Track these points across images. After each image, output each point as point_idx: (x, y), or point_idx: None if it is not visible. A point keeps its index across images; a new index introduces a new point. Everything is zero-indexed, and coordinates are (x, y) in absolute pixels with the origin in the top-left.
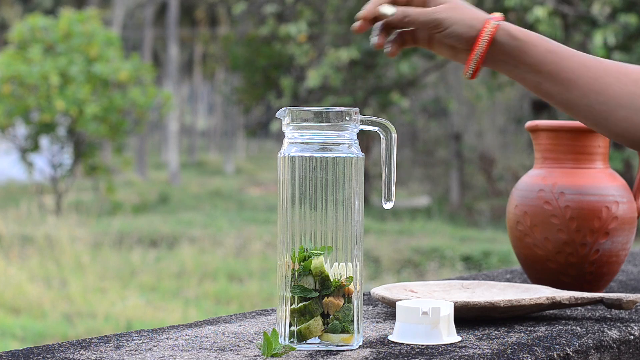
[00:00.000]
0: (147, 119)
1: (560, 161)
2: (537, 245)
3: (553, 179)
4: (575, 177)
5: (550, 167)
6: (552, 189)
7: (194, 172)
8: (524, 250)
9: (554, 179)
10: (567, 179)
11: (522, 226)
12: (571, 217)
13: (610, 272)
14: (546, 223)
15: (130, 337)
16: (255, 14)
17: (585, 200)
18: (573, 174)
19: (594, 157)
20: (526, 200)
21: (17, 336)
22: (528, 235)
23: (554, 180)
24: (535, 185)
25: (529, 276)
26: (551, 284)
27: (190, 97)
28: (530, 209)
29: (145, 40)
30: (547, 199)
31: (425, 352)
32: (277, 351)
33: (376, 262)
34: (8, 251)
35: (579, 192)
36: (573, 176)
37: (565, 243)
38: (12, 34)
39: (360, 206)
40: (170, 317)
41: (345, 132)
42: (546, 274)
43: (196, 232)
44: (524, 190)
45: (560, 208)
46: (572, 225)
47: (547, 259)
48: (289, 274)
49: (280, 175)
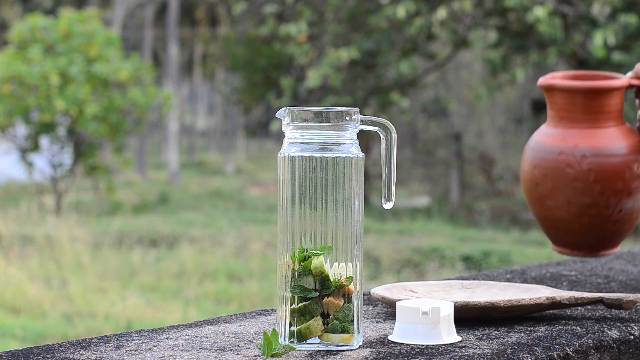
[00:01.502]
0: (147, 119)
1: (576, 121)
2: (559, 208)
3: (573, 141)
4: (594, 138)
5: (566, 127)
6: (574, 151)
7: (194, 172)
8: (544, 212)
9: (573, 141)
10: (586, 141)
11: (543, 188)
12: (595, 180)
13: (631, 227)
14: (569, 187)
15: (130, 337)
16: (255, 14)
17: (608, 162)
18: (591, 134)
19: (609, 116)
20: (546, 162)
21: (17, 336)
22: (549, 197)
23: (574, 142)
24: (554, 148)
25: (549, 236)
26: (573, 245)
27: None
28: (551, 172)
29: (145, 40)
30: (568, 162)
31: (425, 352)
32: (277, 351)
33: (376, 262)
34: (8, 251)
35: (600, 154)
36: (592, 137)
37: (589, 206)
38: (12, 34)
39: (360, 206)
40: (170, 317)
41: (345, 132)
42: (568, 235)
43: (196, 232)
44: (542, 152)
45: (583, 172)
46: (596, 188)
47: (569, 221)
48: (289, 274)
49: (280, 175)
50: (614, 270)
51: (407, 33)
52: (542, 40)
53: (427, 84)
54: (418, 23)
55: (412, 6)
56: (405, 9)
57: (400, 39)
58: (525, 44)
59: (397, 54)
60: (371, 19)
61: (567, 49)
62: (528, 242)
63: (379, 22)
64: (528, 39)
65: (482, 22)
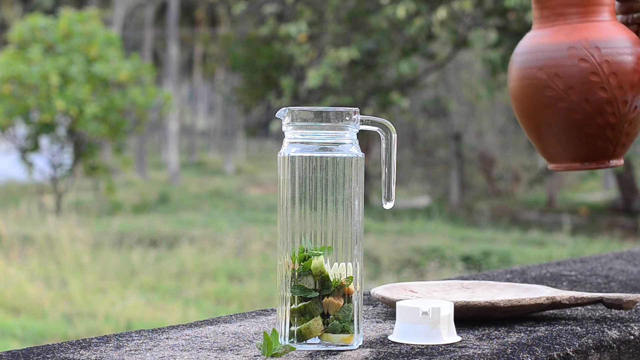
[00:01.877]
0: (147, 119)
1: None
2: (573, 110)
3: (581, 34)
4: (599, 30)
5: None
6: (585, 44)
7: (194, 172)
8: (552, 119)
9: (582, 34)
10: (594, 33)
11: (553, 91)
12: (611, 72)
13: (638, 132)
14: (585, 83)
15: (130, 337)
16: (255, 14)
17: (620, 53)
18: (594, 27)
19: (606, 9)
20: (555, 60)
21: (17, 336)
22: (562, 99)
23: (583, 35)
24: (561, 44)
25: (553, 152)
26: (583, 155)
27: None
28: (563, 69)
29: (145, 40)
30: (581, 56)
31: (425, 352)
32: (277, 351)
33: (376, 262)
34: (8, 251)
35: (610, 45)
36: (597, 30)
37: (608, 102)
38: (12, 34)
39: (360, 206)
40: (170, 317)
41: (345, 132)
42: (579, 142)
43: (196, 232)
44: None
45: (599, 64)
46: (613, 82)
47: (585, 123)
48: (289, 274)
49: (280, 175)
50: (614, 270)
51: (407, 33)
52: None
53: (427, 84)
54: (418, 23)
55: (412, 6)
56: (405, 9)
57: (400, 39)
58: None
59: (397, 54)
60: (371, 19)
61: None
62: (528, 242)
63: (379, 22)
64: None
65: (482, 22)
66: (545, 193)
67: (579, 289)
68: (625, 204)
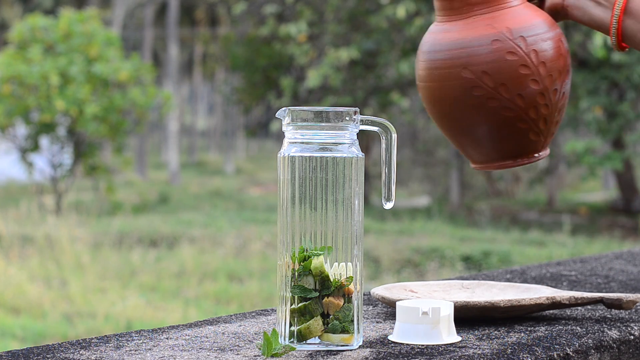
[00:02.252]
0: (147, 119)
1: (483, 5)
2: (505, 107)
3: (501, 24)
4: (516, 17)
5: (479, 13)
6: (509, 35)
7: (194, 172)
8: (481, 120)
9: (503, 24)
10: (513, 21)
11: (482, 90)
12: (540, 61)
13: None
14: (516, 77)
15: (130, 337)
16: (255, 14)
17: (544, 39)
18: (511, 14)
19: None
20: (480, 57)
21: (17, 336)
22: (492, 98)
23: (504, 24)
24: (484, 37)
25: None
26: (515, 149)
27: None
28: (490, 66)
29: (145, 40)
30: (508, 48)
31: (425, 352)
32: (277, 351)
33: (376, 262)
34: (8, 251)
35: (534, 32)
36: (515, 17)
37: (540, 94)
38: (12, 34)
39: (360, 206)
40: (170, 317)
41: (345, 132)
42: (511, 139)
43: (196, 232)
44: (469, 48)
45: (527, 55)
46: (543, 71)
47: (517, 119)
48: (289, 274)
49: (280, 175)
50: (614, 270)
51: (407, 33)
52: None
53: None
54: (418, 23)
55: (412, 6)
56: (405, 9)
57: (400, 39)
58: None
59: (397, 54)
60: (371, 19)
61: None
62: (528, 242)
63: (379, 22)
64: None
65: None
66: (545, 193)
67: (579, 289)
68: (625, 204)
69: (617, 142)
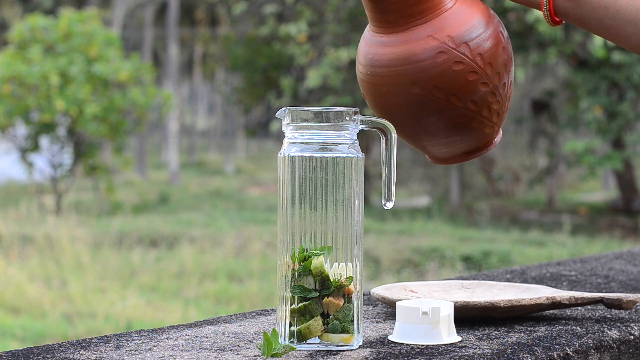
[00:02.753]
0: (147, 119)
1: (420, 15)
2: (459, 115)
3: (442, 33)
4: (455, 21)
5: (418, 23)
6: (452, 44)
7: (194, 172)
8: (436, 127)
9: (442, 33)
10: (452, 27)
11: (434, 103)
12: (486, 63)
13: None
14: (466, 85)
15: (130, 337)
16: (255, 14)
17: (486, 37)
18: (449, 19)
19: None
20: (428, 72)
21: (17, 336)
22: (445, 108)
23: (445, 33)
24: (428, 50)
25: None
26: (471, 145)
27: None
28: (440, 79)
29: (145, 40)
30: (455, 59)
31: (425, 352)
32: (277, 351)
33: (376, 262)
34: (8, 251)
35: (475, 33)
36: (453, 21)
37: (491, 93)
38: (12, 34)
39: (360, 206)
40: (170, 317)
41: (345, 132)
42: (466, 138)
43: (196, 232)
44: (413, 62)
45: (473, 60)
46: (490, 71)
47: (472, 120)
48: (289, 274)
49: (280, 175)
50: (614, 270)
51: None
52: (542, 40)
53: None
54: None
55: None
56: None
57: None
58: (525, 44)
59: None
60: None
61: (567, 49)
62: (528, 242)
63: None
64: (528, 39)
65: None
66: (545, 193)
67: (579, 289)
68: (625, 204)
69: (617, 142)
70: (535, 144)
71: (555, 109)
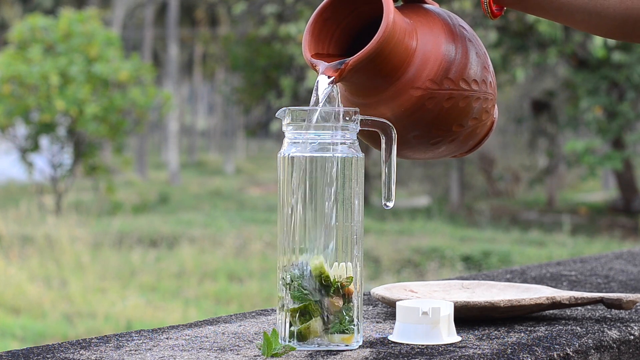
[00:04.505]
0: (147, 119)
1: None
2: (465, 133)
3: (421, 79)
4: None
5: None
6: (434, 85)
7: (194, 172)
8: (437, 154)
9: (421, 78)
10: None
11: (438, 139)
12: (471, 80)
13: None
14: (461, 112)
15: (130, 337)
16: (255, 14)
17: (459, 59)
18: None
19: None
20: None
21: (17, 336)
22: (449, 139)
23: (423, 78)
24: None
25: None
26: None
27: (190, 97)
28: (436, 121)
29: (145, 40)
30: (443, 98)
31: (425, 352)
32: (277, 351)
33: (376, 262)
34: (8, 251)
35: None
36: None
37: (484, 99)
38: (12, 34)
39: (360, 206)
40: (170, 317)
41: (345, 132)
42: (477, 139)
43: (196, 232)
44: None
45: (460, 87)
46: (476, 86)
47: (476, 129)
48: (289, 274)
49: (280, 175)
50: (614, 270)
51: None
52: (542, 40)
53: None
54: None
55: None
56: None
57: None
58: (525, 44)
59: None
60: None
61: (567, 49)
62: (528, 242)
63: None
64: (528, 39)
65: (482, 22)
66: (545, 193)
67: (579, 289)
68: (625, 204)
69: (617, 142)
70: (535, 144)
71: (555, 109)
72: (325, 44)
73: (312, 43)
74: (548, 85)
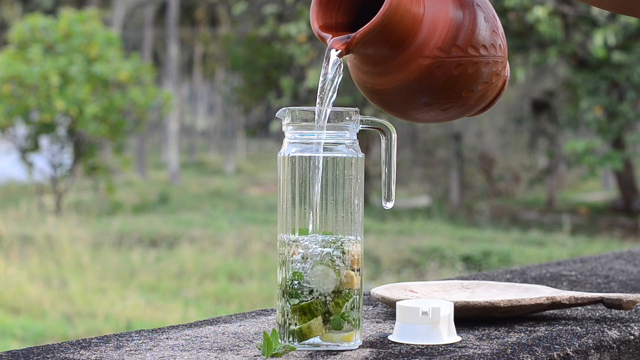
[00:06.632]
0: (147, 119)
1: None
2: (476, 97)
3: (428, 47)
4: (430, 29)
5: (400, 51)
6: (442, 53)
7: (194, 172)
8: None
9: (429, 47)
10: (435, 37)
11: (448, 105)
12: (480, 45)
13: None
14: (470, 78)
15: (130, 337)
16: (255, 14)
17: (467, 26)
18: (425, 30)
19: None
20: (431, 89)
21: (17, 336)
22: (459, 103)
23: (431, 46)
24: (424, 72)
25: None
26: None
27: (190, 97)
28: (446, 88)
29: (145, 40)
30: (451, 66)
31: (425, 352)
32: (277, 351)
33: (376, 262)
34: (8, 251)
35: (457, 32)
36: (429, 30)
37: (494, 62)
38: (12, 34)
39: (360, 206)
40: (170, 317)
41: (345, 132)
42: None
43: (196, 232)
44: (417, 86)
45: (468, 54)
46: (485, 51)
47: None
48: (289, 274)
49: (280, 175)
50: (614, 270)
51: None
52: (542, 40)
53: None
54: None
55: None
56: None
57: None
58: (525, 44)
59: None
60: None
61: (567, 49)
62: (528, 242)
63: None
64: (528, 39)
65: None
66: (545, 193)
67: (579, 289)
68: (625, 204)
69: (617, 142)
70: (535, 144)
71: (555, 109)
72: (333, 12)
73: (320, 13)
74: (548, 85)
